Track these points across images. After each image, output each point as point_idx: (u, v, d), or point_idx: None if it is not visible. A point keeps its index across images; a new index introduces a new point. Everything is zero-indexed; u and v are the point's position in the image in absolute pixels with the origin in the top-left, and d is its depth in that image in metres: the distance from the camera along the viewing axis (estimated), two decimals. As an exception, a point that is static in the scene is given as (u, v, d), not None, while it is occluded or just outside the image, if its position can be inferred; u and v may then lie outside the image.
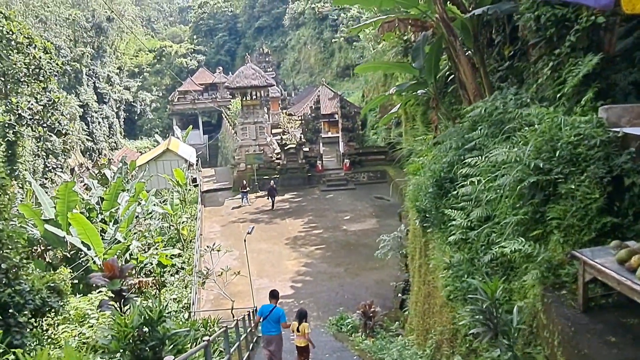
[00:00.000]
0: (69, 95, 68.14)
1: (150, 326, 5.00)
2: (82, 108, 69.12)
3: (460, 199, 6.32)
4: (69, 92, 70.28)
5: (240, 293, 18.49)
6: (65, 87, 70.38)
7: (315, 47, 73.87)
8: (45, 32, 65.93)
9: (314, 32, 73.94)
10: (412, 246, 12.13)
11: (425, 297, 7.03)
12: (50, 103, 47.31)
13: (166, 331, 5.05)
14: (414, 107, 15.09)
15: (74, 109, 63.98)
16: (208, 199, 32.71)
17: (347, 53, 64.60)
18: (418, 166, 10.03)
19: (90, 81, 78.67)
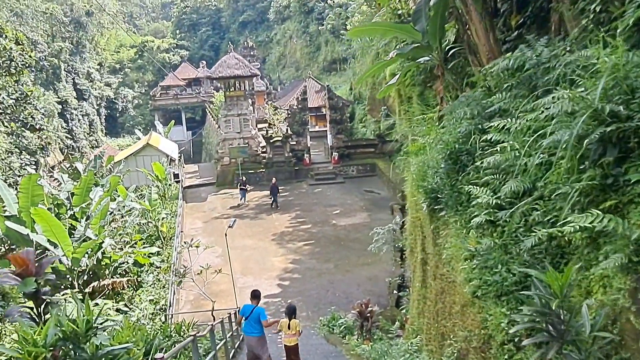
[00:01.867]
0: (47, 92, 65.89)
1: (73, 343, 3.69)
2: (60, 105, 66.92)
3: (484, 173, 5.10)
4: (47, 88, 67.95)
5: (222, 293, 17.12)
6: (42, 83, 68.01)
7: (301, 41, 72.56)
8: (21, 26, 63.36)
9: (299, 26, 72.58)
10: (412, 237, 10.93)
11: (438, 295, 5.80)
12: (22, 97, 45.20)
13: (96, 349, 3.74)
14: (410, 87, 13.89)
15: (52, 106, 61.83)
16: (190, 194, 31.19)
17: (333, 47, 63.39)
18: (420, 145, 8.80)
19: (69, 77, 76.35)
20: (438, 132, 7.21)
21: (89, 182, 19.97)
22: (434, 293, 6.05)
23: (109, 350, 3.77)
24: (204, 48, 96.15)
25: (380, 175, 31.54)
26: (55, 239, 16.54)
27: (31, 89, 46.78)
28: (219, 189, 31.50)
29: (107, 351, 3.76)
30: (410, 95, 14.30)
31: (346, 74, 55.80)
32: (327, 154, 34.96)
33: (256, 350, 8.45)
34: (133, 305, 16.92)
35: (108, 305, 13.83)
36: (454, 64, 9.84)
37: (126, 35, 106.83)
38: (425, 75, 12.61)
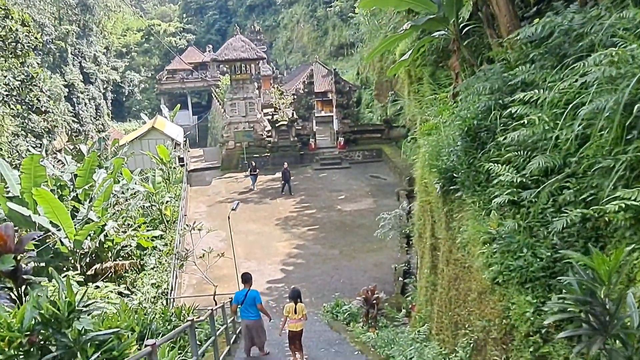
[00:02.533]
0: (54, 75, 65.63)
1: (53, 328, 3.34)
2: (67, 88, 66.73)
3: (506, 150, 4.67)
4: (53, 71, 67.70)
5: (225, 277, 16.86)
6: (49, 66, 67.72)
7: (309, 26, 71.54)
8: (28, 9, 62.81)
9: (307, 10, 71.54)
10: (421, 223, 10.53)
11: (451, 281, 5.41)
12: (28, 79, 44.94)
13: (79, 334, 3.38)
14: (420, 68, 13.37)
15: (58, 89, 61.64)
16: (195, 178, 30.89)
17: (341, 31, 62.41)
18: (432, 125, 8.35)
19: (76, 61, 76.09)
20: (453, 109, 6.77)
21: (93, 163, 19.68)
22: (447, 280, 5.67)
23: (94, 336, 3.43)
24: (210, 32, 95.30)
25: (386, 160, 31.06)
26: (58, 220, 16.30)
27: (37, 71, 46.46)
28: (223, 173, 31.17)
29: (91, 337, 3.41)
30: (421, 75, 13.77)
31: (353, 58, 54.98)
32: (333, 138, 34.47)
33: (254, 334, 8.25)
34: (135, 288, 16.73)
35: (109, 288, 13.59)
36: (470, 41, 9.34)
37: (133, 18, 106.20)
38: (437, 54, 12.09)
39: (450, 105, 8.12)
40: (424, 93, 12.70)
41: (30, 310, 3.26)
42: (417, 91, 14.24)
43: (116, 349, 3.66)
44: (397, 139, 33.09)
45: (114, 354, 3.64)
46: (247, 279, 8.40)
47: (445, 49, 11.47)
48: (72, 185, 20.42)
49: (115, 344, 3.66)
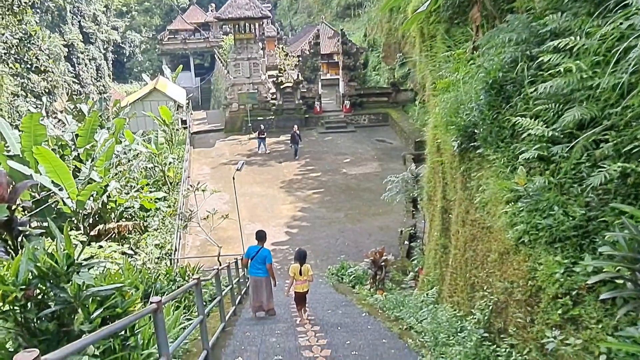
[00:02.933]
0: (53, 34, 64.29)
1: (50, 282, 3.12)
2: (67, 48, 65.54)
3: (534, 103, 4.32)
4: (52, 30, 66.32)
5: (229, 239, 16.81)
6: (48, 25, 66.31)
7: (314, -15, 69.20)
8: (24, -35, 60.66)
9: (313, -33, 68.99)
10: (431, 185, 10.26)
11: (468, 243, 5.17)
12: (26, 37, 43.96)
13: (78, 289, 3.17)
14: (434, 25, 12.77)
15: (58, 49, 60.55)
16: (198, 140, 30.55)
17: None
18: (448, 82, 7.93)
19: (75, 20, 74.49)
20: (475, 63, 6.35)
21: (94, 123, 19.30)
22: (462, 241, 5.43)
23: (95, 291, 3.22)
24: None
25: (392, 124, 30.56)
26: (59, 180, 16.10)
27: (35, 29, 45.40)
28: (227, 136, 30.79)
29: (92, 292, 3.20)
30: (435, 33, 13.18)
31: (360, 20, 53.43)
32: (339, 102, 33.84)
33: (261, 292, 8.19)
34: (139, 249, 16.73)
35: (112, 248, 13.53)
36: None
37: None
38: (453, 10, 11.51)
39: (469, 60, 7.67)
40: (438, 51, 12.18)
41: (26, 263, 3.04)
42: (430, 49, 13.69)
43: (120, 305, 3.47)
44: (404, 102, 32.46)
45: (117, 311, 3.45)
46: (262, 237, 8.40)
47: (462, 4, 10.90)
48: (74, 145, 20.13)
49: (118, 300, 3.46)
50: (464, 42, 9.86)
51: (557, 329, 3.27)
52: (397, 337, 5.91)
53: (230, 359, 5.35)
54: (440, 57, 11.04)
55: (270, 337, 6.19)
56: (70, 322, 3.11)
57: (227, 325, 6.80)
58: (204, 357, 5.01)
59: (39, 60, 44.09)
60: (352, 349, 5.53)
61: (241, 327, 6.91)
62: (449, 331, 4.80)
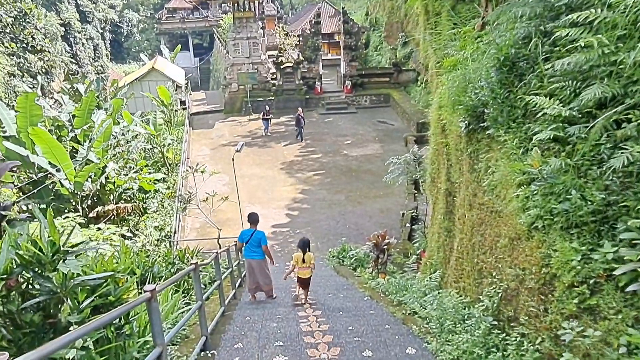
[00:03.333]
0: (49, 13, 63.26)
1: (34, 270, 2.93)
2: (63, 27, 64.55)
3: (549, 81, 4.08)
4: (48, 9, 65.21)
5: (229, 221, 16.68)
6: (44, 3, 65.16)
7: (315, -38, 67.81)
8: (18, -60, 59.42)
9: (313, -56, 67.49)
10: (434, 167, 10.05)
11: (475, 227, 4.99)
12: (21, 15, 43.20)
13: (64, 279, 2.98)
14: (440, 1, 12.41)
15: (54, 28, 59.64)
16: (197, 121, 30.21)
17: (349, -32, 59.26)
18: (455, 61, 7.65)
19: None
20: (482, 41, 6.08)
21: (91, 103, 18.97)
22: (469, 225, 5.24)
23: (83, 281, 3.03)
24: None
25: (394, 106, 30.18)
26: (56, 161, 15.90)
27: (30, 7, 44.59)
28: (226, 117, 30.44)
29: (80, 281, 3.02)
30: (440, 10, 12.82)
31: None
32: (340, 82, 33.36)
33: (257, 274, 8.09)
34: (138, 231, 16.61)
35: (111, 230, 13.39)
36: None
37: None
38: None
39: (477, 37, 7.39)
40: (443, 29, 11.83)
41: (7, 250, 2.85)
42: (435, 27, 13.33)
43: (112, 294, 3.29)
44: (406, 83, 32.01)
45: (110, 299, 3.27)
46: (254, 220, 8.19)
47: (468, -21, 10.53)
48: (71, 125, 19.85)
49: (111, 288, 3.29)
50: (471, 19, 9.54)
51: (573, 319, 3.10)
52: (401, 322, 5.77)
53: (230, 345, 5.22)
54: (445, 35, 10.72)
55: (270, 322, 6.06)
56: (56, 313, 2.93)
57: (227, 309, 6.68)
58: (202, 343, 4.88)
59: (34, 39, 43.40)
60: (355, 335, 5.39)
61: (241, 312, 6.78)
62: (455, 318, 4.65)
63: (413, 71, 31.85)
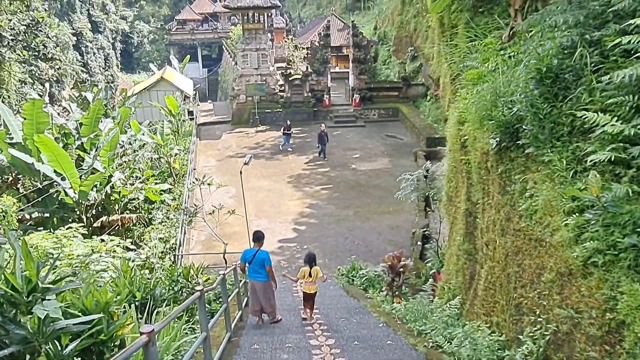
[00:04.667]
0: (62, 23, 63.95)
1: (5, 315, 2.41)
2: (75, 37, 65.22)
3: (602, 95, 3.65)
4: (61, 19, 66.00)
5: (236, 235, 16.24)
6: (57, 13, 65.99)
7: (324, -23, 68.28)
8: (33, -48, 60.27)
9: (323, -41, 68.04)
10: (452, 185, 9.59)
11: (510, 256, 4.52)
12: (34, 23, 43.51)
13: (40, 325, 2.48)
14: (456, 14, 12.05)
15: (66, 37, 60.25)
16: (204, 132, 29.96)
17: (358, -18, 59.47)
18: (478, 73, 7.26)
19: (84, 8, 74.25)
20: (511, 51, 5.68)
21: (98, 112, 18.74)
22: (502, 253, 4.78)
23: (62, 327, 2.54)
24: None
25: (403, 120, 29.82)
26: (62, 169, 15.58)
27: (42, 15, 44.91)
28: (234, 128, 30.18)
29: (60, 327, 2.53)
30: (456, 23, 12.46)
31: (370, 13, 52.55)
32: (348, 95, 33.10)
33: (261, 297, 7.65)
34: (142, 242, 16.21)
35: (115, 242, 12.97)
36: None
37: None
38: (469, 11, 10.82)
39: (501, 49, 7.00)
40: (460, 42, 11.46)
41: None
42: (451, 40, 12.97)
43: (105, 331, 2.85)
44: (415, 98, 31.69)
45: (102, 338, 2.83)
46: (258, 238, 7.77)
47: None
48: (77, 133, 19.60)
49: (103, 325, 2.84)
50: (490, 31, 9.16)
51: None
52: (425, 358, 5.28)
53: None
54: (463, 48, 10.34)
55: (281, 352, 5.59)
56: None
57: (233, 334, 6.22)
58: (207, 377, 4.43)
59: (46, 47, 43.65)
60: (374, 370, 4.92)
61: (248, 338, 6.32)
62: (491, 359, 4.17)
63: (422, 86, 31.53)
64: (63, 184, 16.03)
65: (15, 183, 18.29)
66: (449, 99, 12.02)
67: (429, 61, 28.94)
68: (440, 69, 15.76)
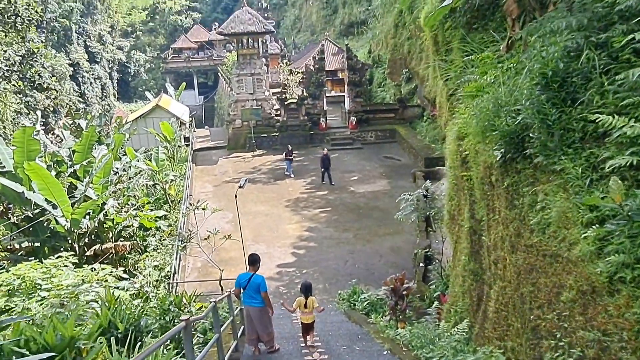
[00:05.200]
0: (59, 54, 64.62)
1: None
2: (72, 67, 65.81)
3: (615, 97, 3.41)
4: (58, 50, 66.68)
5: (232, 260, 15.81)
6: (54, 45, 66.71)
7: (318, 3, 69.59)
8: (31, -14, 61.34)
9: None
10: (454, 203, 9.30)
11: (523, 274, 4.20)
12: (29, 54, 43.81)
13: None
14: (450, 31, 12.00)
15: (63, 68, 60.78)
16: (200, 157, 29.75)
17: (351, 9, 60.57)
18: (478, 86, 7.07)
19: (81, 39, 75.18)
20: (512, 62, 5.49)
21: (91, 138, 18.53)
22: (514, 271, 4.46)
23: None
24: (216, 11, 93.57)
25: (400, 141, 29.72)
26: (53, 197, 15.25)
27: (38, 46, 45.26)
28: (230, 153, 30.00)
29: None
30: (450, 40, 12.41)
31: (364, 37, 53.27)
32: (344, 118, 33.10)
33: (257, 324, 7.26)
34: (137, 271, 15.76)
35: (106, 271, 12.54)
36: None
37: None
38: (470, 14, 10.76)
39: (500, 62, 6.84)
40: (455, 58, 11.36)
41: None
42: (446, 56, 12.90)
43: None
44: (412, 119, 31.70)
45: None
46: (254, 261, 7.40)
47: (481, 7, 10.15)
48: (70, 161, 19.33)
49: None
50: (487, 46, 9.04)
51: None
52: (434, 387, 4.90)
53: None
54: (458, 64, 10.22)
55: (278, 385, 5.18)
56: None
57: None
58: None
59: (42, 77, 43.86)
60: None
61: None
62: (508, 388, 3.81)
63: (418, 107, 31.59)
64: (54, 212, 15.67)
65: (5, 212, 17.91)
66: (446, 117, 11.85)
67: (424, 82, 29.06)
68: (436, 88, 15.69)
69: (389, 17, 37.37)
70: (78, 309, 9.34)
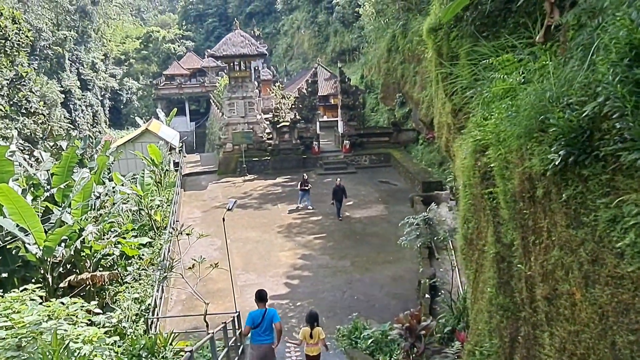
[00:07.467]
0: (51, 80, 63.94)
1: None
2: (64, 94, 65.12)
3: None
4: (50, 77, 66.07)
5: (220, 292, 14.51)
6: (46, 72, 66.09)
7: (309, 32, 70.04)
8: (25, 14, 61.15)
9: (308, 16, 70.03)
10: (472, 225, 8.18)
11: (613, 316, 3.11)
12: (17, 78, 42.91)
13: None
14: (456, 41, 11.19)
15: (54, 95, 60.02)
16: (190, 182, 28.57)
17: (343, 37, 60.85)
18: (506, 87, 6.10)
19: (74, 67, 74.89)
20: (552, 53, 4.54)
21: (71, 160, 17.35)
22: (592, 311, 3.36)
23: None
24: (209, 39, 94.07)
25: (395, 165, 28.86)
26: (24, 223, 13.95)
27: (26, 70, 44.41)
28: (220, 177, 28.88)
29: None
30: (456, 52, 11.57)
31: (356, 64, 53.25)
32: (338, 142, 32.29)
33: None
34: (116, 304, 14.35)
35: (77, 305, 11.18)
36: None
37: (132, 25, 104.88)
38: (480, 21, 9.94)
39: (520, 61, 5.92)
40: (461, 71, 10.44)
41: None
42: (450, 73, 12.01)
43: None
44: (406, 142, 30.99)
45: None
46: (262, 297, 7.25)
47: (492, 14, 9.32)
48: (48, 184, 18.07)
49: None
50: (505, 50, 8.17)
51: None
52: None
53: None
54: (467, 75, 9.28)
55: None
56: None
57: None
58: None
59: (29, 102, 42.83)
60: None
61: None
62: None
63: (413, 131, 30.92)
64: (26, 240, 14.33)
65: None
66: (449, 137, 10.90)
67: (419, 105, 28.40)
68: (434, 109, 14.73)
69: (382, 42, 37.09)
70: (38, 350, 7.98)
